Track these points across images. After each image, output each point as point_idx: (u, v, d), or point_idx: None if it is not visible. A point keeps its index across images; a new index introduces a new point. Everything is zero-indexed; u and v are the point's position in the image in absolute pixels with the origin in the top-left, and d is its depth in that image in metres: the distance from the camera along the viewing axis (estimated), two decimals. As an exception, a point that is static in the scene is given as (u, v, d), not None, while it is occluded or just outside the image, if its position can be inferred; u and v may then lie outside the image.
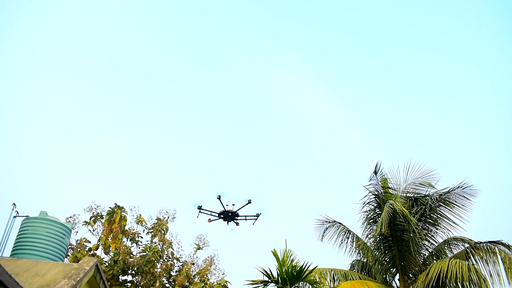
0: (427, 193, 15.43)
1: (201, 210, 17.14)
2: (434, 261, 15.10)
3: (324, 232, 17.38)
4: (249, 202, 16.93)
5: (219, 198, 14.80)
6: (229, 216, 16.16)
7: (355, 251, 17.36)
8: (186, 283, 18.79)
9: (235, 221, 17.18)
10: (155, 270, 18.28)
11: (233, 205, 17.60)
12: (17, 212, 10.65)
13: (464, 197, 14.90)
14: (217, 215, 16.60)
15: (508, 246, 13.85)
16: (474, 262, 14.21)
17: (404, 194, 15.78)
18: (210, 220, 17.25)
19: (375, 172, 15.43)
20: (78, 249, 17.92)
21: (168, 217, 20.59)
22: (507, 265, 13.64)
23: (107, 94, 44.60)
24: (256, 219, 16.70)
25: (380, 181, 15.78)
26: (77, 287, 7.93)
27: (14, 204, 10.52)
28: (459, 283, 13.26)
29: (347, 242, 17.36)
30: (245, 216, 17.00)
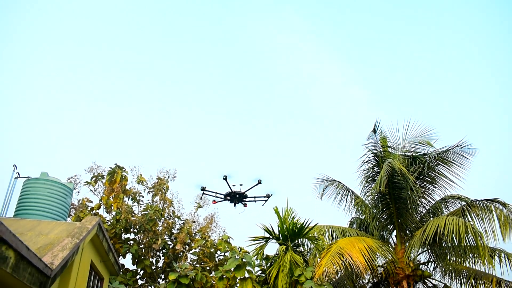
0: (425, 152, 15.49)
1: (204, 192, 16.41)
2: (431, 218, 15.36)
3: (323, 191, 17.59)
4: (259, 182, 16.06)
5: (225, 178, 14.17)
6: (236, 197, 15.39)
7: (353, 208, 17.64)
8: (188, 240, 19.17)
9: (242, 202, 16.46)
10: (157, 228, 18.60)
11: (241, 185, 17.15)
12: (18, 174, 10.68)
13: (462, 155, 14.97)
14: (223, 196, 15.92)
15: (504, 204, 14.05)
16: (470, 220, 14.46)
17: (403, 153, 15.84)
18: (214, 202, 16.57)
19: (374, 131, 15.43)
20: (81, 209, 18.14)
21: (169, 177, 20.79)
22: (502, 223, 13.89)
23: (110, 63, 43.89)
24: (266, 200, 16.12)
25: (379, 140, 15.81)
26: (81, 245, 8.08)
27: (14, 165, 10.54)
28: (455, 240, 13.53)
29: (346, 200, 17.62)
30: (254, 197, 16.36)
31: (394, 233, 16.16)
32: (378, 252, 14.41)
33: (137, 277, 18.00)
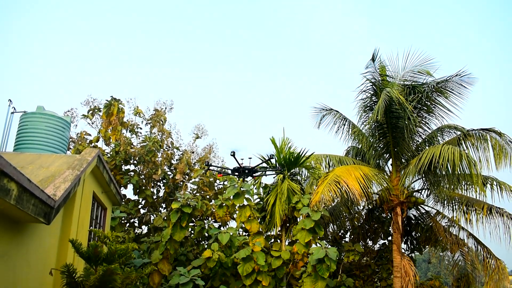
0: (424, 82, 15.34)
1: (210, 168, 15.68)
2: (427, 147, 15.52)
3: (321, 120, 17.63)
4: (271, 157, 15.65)
5: (233, 154, 13.63)
6: (245, 173, 14.87)
7: (350, 138, 17.78)
8: (187, 171, 19.52)
9: (252, 176, 15.93)
10: (156, 159, 18.85)
11: (250, 158, 16.94)
12: (14, 108, 10.56)
13: (461, 85, 14.84)
14: (230, 172, 15.39)
15: (499, 134, 14.16)
16: (465, 148, 14.64)
17: (402, 82, 15.68)
18: (220, 174, 15.92)
19: (373, 60, 15.15)
20: (79, 142, 18.25)
21: (166, 108, 20.74)
22: (496, 152, 14.08)
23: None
24: (277, 174, 15.63)
25: (378, 69, 15.58)
26: (82, 177, 8.20)
27: (10, 100, 10.40)
28: (449, 168, 13.78)
29: (343, 130, 17.72)
30: (265, 170, 15.75)
31: (390, 161, 16.43)
32: (374, 180, 14.73)
33: (139, 206, 18.53)
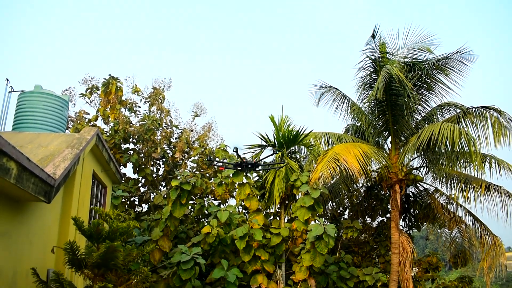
0: (424, 59, 15.22)
1: (212, 163, 15.49)
2: (426, 125, 15.51)
3: (320, 97, 17.57)
4: (275, 152, 15.48)
5: (235, 151, 13.53)
6: (248, 167, 14.77)
7: (349, 115, 17.75)
8: (186, 149, 19.52)
9: (255, 171, 15.73)
10: (155, 137, 18.82)
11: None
12: (12, 88, 10.46)
13: (462, 62, 14.75)
14: (232, 166, 15.28)
15: (499, 112, 14.14)
16: (465, 126, 14.64)
17: (402, 59, 15.57)
18: (222, 168, 15.72)
19: (373, 36, 15.00)
20: (78, 121, 18.18)
21: (164, 86, 20.61)
22: (496, 129, 14.09)
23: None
24: (281, 167, 15.52)
25: (378, 46, 15.44)
26: (81, 156, 8.21)
27: (7, 79, 10.29)
28: (448, 145, 13.80)
29: (342, 107, 17.67)
30: (268, 164, 15.63)
31: (389, 139, 16.45)
32: (373, 157, 14.77)
33: (139, 185, 18.59)
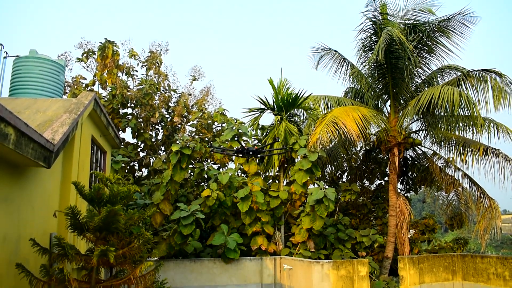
0: (426, 21, 14.95)
1: (214, 150, 15.24)
2: (426, 88, 15.41)
3: (319, 60, 17.36)
4: (276, 140, 15.20)
5: (237, 139, 13.44)
6: (249, 154, 14.55)
7: (349, 79, 17.60)
8: (185, 113, 19.47)
9: (257, 157, 15.46)
10: (154, 102, 18.73)
11: (257, 140, 16.43)
12: (6, 53, 10.26)
13: (464, 24, 14.49)
14: (233, 152, 15.02)
15: (500, 75, 14.02)
16: (465, 90, 14.56)
17: (403, 21, 15.29)
18: (224, 154, 15.39)
19: (374, -3, 14.68)
20: (75, 86, 18.02)
21: (161, 50, 20.34)
22: (496, 93, 14.03)
23: None
24: (283, 152, 15.28)
25: (379, 7, 15.13)
26: (79, 120, 8.17)
27: (1, 44, 10.08)
28: (448, 109, 13.76)
29: (341, 71, 17.50)
30: (270, 151, 15.36)
31: (389, 102, 16.37)
32: (372, 121, 14.75)
33: (138, 149, 18.66)
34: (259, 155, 14.68)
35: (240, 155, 14.40)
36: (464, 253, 15.36)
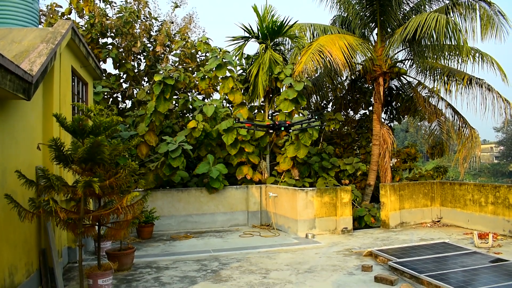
0: None
1: (241, 123, 14.08)
2: (414, 16, 15.11)
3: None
4: (312, 117, 14.06)
5: (238, 121, 12.90)
6: (279, 129, 13.84)
7: (336, 6, 17.12)
8: (167, 42, 18.90)
9: (288, 131, 14.60)
10: (135, 31, 18.06)
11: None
12: None
13: None
14: (263, 128, 14.24)
15: (489, 3, 13.78)
16: (453, 18, 14.30)
17: None
18: (249, 124, 14.42)
19: None
20: (51, 15, 17.19)
21: (140, -26, 19.29)
22: (484, 22, 13.86)
23: None
24: (313, 121, 14.07)
25: None
26: (57, 50, 7.90)
27: None
28: (435, 36, 13.59)
29: (328, -3, 16.97)
30: (301, 122, 14.26)
31: (376, 31, 16.09)
32: (358, 49, 14.56)
33: (121, 80, 18.27)
34: (290, 130, 14.16)
35: (271, 130, 14.31)
36: (443, 180, 15.93)
